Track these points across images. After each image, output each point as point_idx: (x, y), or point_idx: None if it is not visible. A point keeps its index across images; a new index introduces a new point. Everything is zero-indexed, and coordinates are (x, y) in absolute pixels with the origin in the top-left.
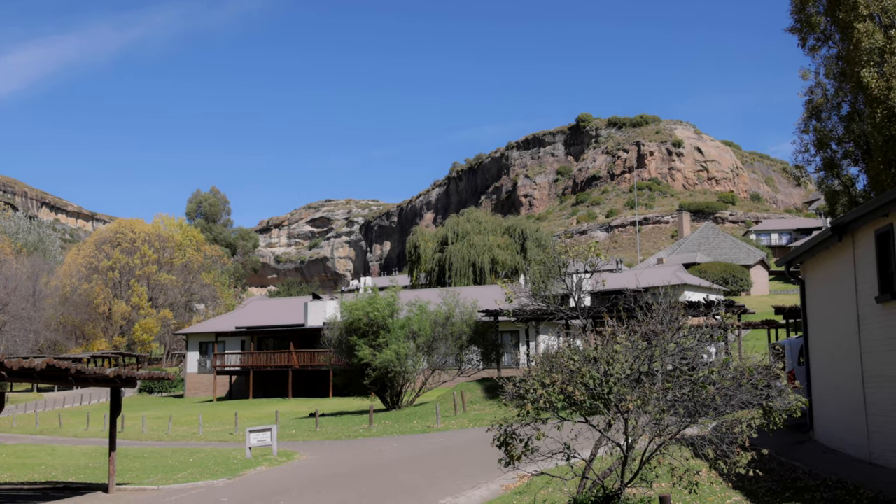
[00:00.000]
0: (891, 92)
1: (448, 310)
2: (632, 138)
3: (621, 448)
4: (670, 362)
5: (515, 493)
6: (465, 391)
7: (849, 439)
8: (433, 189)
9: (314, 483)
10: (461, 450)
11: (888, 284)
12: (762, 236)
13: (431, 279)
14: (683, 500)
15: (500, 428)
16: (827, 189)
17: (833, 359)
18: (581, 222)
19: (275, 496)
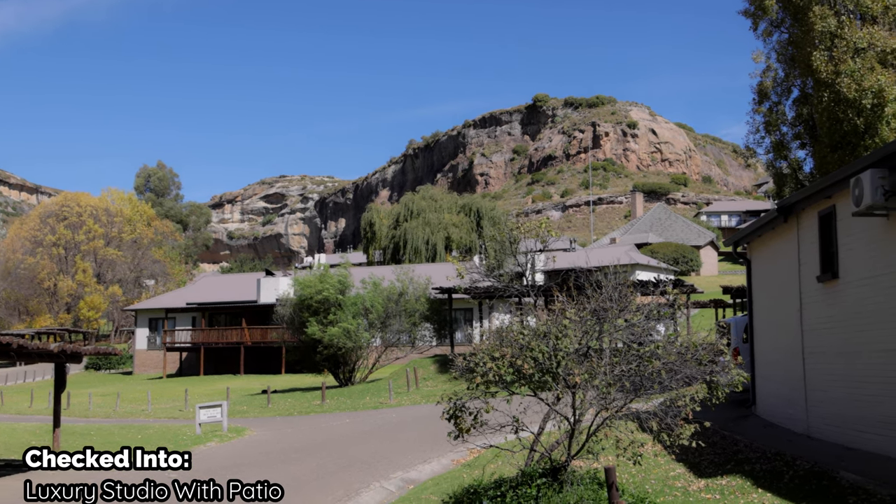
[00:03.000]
0: (839, 76)
1: (401, 287)
2: (587, 119)
3: (569, 421)
4: (619, 339)
5: (465, 466)
6: (418, 367)
7: (789, 414)
8: (389, 166)
9: (265, 458)
10: (413, 425)
11: (829, 264)
12: (713, 218)
13: (386, 256)
14: (629, 472)
15: (450, 401)
16: (775, 172)
17: (776, 337)
18: (536, 202)
19: (225, 472)
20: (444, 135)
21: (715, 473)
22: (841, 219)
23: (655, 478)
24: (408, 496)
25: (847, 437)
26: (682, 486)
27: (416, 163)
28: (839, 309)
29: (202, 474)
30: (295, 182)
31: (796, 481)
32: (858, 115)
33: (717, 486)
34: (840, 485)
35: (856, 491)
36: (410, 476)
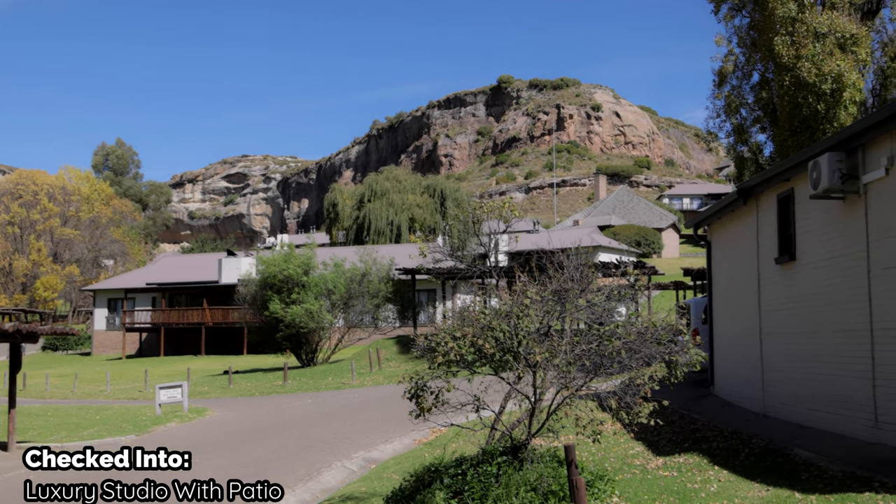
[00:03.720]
0: (799, 60)
1: (364, 267)
2: (552, 101)
3: (529, 400)
4: (581, 319)
5: (427, 445)
6: (380, 348)
7: (746, 393)
8: (353, 147)
9: (226, 439)
10: (375, 405)
11: (787, 246)
12: (675, 201)
13: (349, 237)
14: (589, 450)
15: (412, 381)
16: (736, 155)
17: (734, 317)
18: (500, 183)
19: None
20: (409, 115)
21: (673, 451)
22: (799, 202)
23: (615, 456)
24: (369, 475)
25: (802, 415)
26: (640, 463)
27: (379, 143)
28: (796, 290)
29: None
30: (257, 162)
31: (752, 459)
32: (818, 99)
33: (674, 464)
34: (794, 462)
35: (809, 467)
36: (372, 455)
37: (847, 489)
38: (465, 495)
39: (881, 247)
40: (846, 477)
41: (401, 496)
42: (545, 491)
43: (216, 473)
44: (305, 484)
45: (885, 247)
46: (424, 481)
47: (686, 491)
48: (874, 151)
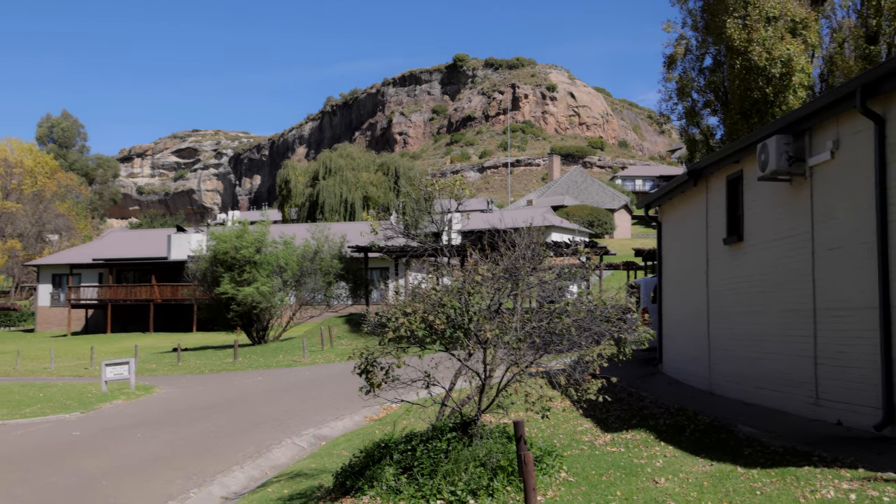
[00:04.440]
0: (751, 44)
1: (317, 245)
2: (507, 80)
3: (480, 377)
4: (531, 297)
5: (378, 422)
6: (332, 326)
7: (693, 371)
8: (306, 123)
9: (173, 416)
10: (327, 383)
11: (735, 227)
12: (627, 182)
13: (302, 215)
14: (538, 427)
15: (362, 356)
16: (688, 138)
17: (683, 297)
18: (455, 162)
19: (131, 429)
20: (363, 92)
21: (621, 428)
22: (747, 183)
23: (564, 432)
24: (319, 452)
25: (746, 393)
26: (588, 439)
27: (333, 120)
28: (744, 271)
29: (112, 432)
30: (209, 137)
31: (697, 435)
32: (768, 83)
33: (622, 440)
34: (737, 437)
35: (751, 443)
36: (323, 432)
37: (787, 464)
38: (415, 471)
39: (825, 228)
40: (787, 452)
41: (350, 472)
42: (494, 466)
43: (163, 451)
44: (255, 461)
45: (828, 228)
46: (374, 457)
47: (633, 466)
48: (820, 135)
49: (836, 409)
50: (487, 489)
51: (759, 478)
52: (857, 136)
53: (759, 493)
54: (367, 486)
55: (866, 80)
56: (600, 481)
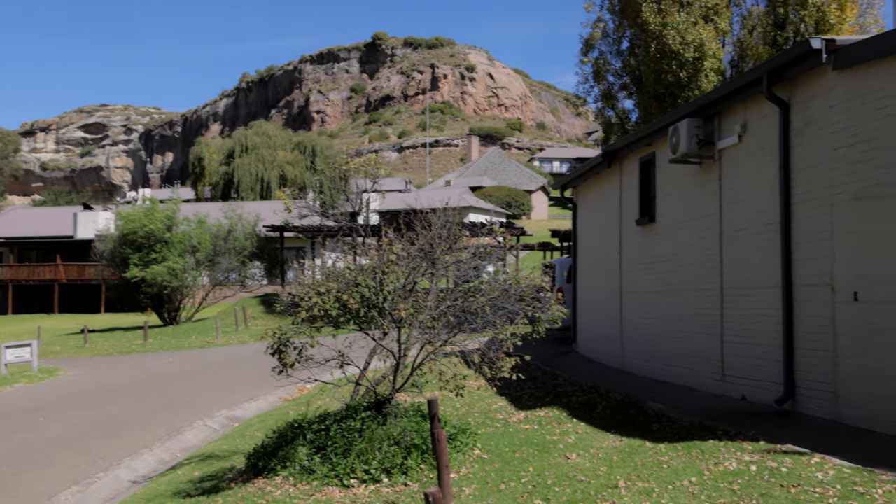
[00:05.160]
0: (665, 28)
1: (230, 224)
2: (426, 60)
3: (394, 356)
4: (446, 276)
5: (292, 403)
6: (247, 306)
7: (606, 350)
8: (221, 100)
9: (79, 399)
10: (241, 364)
11: (647, 208)
12: (545, 164)
13: (217, 193)
14: (454, 405)
15: (274, 336)
16: (604, 120)
17: (597, 277)
18: (373, 141)
19: (33, 413)
20: (280, 69)
21: (535, 406)
22: (660, 165)
23: (479, 411)
24: (232, 433)
25: (656, 370)
26: (503, 417)
27: (249, 97)
28: (655, 251)
29: (12, 416)
30: (118, 112)
31: (608, 411)
32: (681, 67)
33: (535, 418)
34: (647, 413)
35: (660, 419)
36: (236, 414)
37: (693, 437)
38: (329, 450)
39: (732, 210)
40: (693, 427)
41: (263, 453)
42: (408, 445)
43: (67, 435)
44: (164, 443)
45: (736, 210)
46: (287, 437)
47: (545, 443)
48: (729, 119)
49: (741, 385)
50: (401, 467)
51: (666, 452)
52: (764, 120)
53: (666, 466)
54: (279, 467)
55: (772, 66)
56: (513, 458)
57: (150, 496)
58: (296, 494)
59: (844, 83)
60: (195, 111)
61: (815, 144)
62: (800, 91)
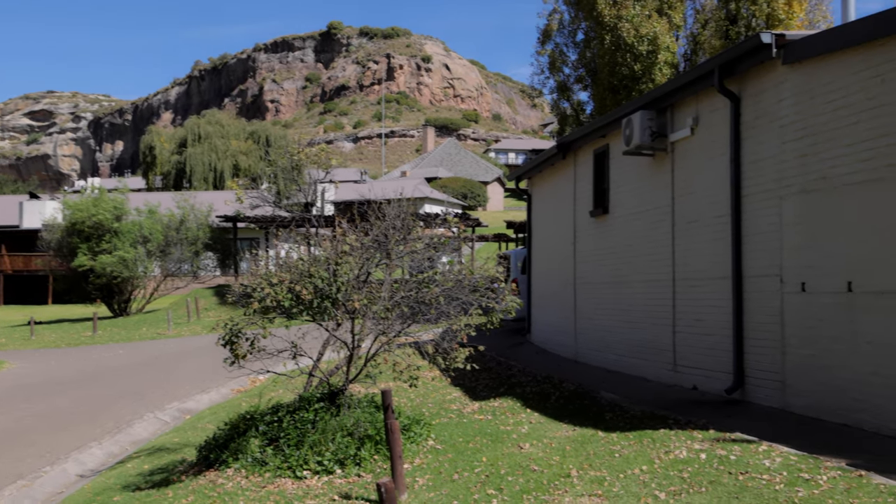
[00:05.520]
0: (620, 21)
1: (182, 214)
2: (382, 50)
3: (348, 347)
4: (401, 266)
5: (245, 394)
6: (200, 297)
7: (560, 341)
8: (173, 88)
9: (25, 391)
10: (193, 355)
11: (601, 200)
12: (500, 155)
13: (168, 183)
14: (408, 396)
15: (226, 327)
16: (559, 112)
17: (551, 268)
18: (329, 132)
19: None
20: (234, 58)
21: (489, 396)
22: (613, 157)
23: (433, 401)
24: (183, 426)
25: (609, 360)
26: (457, 408)
27: (202, 85)
28: (609, 242)
29: None
30: (65, 99)
31: (561, 401)
32: (635, 60)
33: (490, 408)
34: (600, 403)
35: (613, 408)
36: (187, 406)
37: (645, 427)
38: (281, 442)
39: (684, 202)
40: (645, 416)
41: (214, 445)
42: (361, 435)
43: (12, 428)
44: (114, 436)
45: (687, 202)
46: (240, 429)
47: (499, 433)
48: (681, 111)
49: (692, 375)
50: (355, 458)
51: (618, 441)
52: (715, 113)
53: (618, 455)
54: (231, 459)
55: (723, 60)
56: (467, 448)
57: (98, 490)
58: (248, 486)
59: (793, 77)
60: (146, 99)
61: (764, 138)
62: (750, 85)
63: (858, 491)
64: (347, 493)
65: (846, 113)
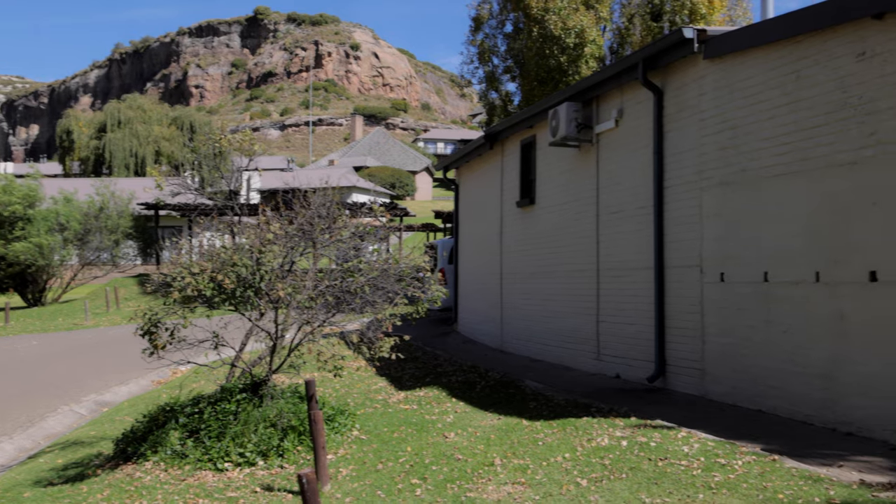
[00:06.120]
0: (548, 13)
1: (102, 201)
2: (310, 37)
3: (271, 337)
4: (326, 255)
5: (166, 386)
6: (120, 287)
7: (487, 330)
8: (92, 71)
9: None
10: (112, 346)
11: (528, 190)
12: (429, 145)
13: (87, 169)
14: (333, 387)
15: (145, 317)
16: (487, 103)
17: (478, 258)
18: (255, 119)
19: None
20: (156, 41)
21: (415, 386)
22: (540, 148)
23: (358, 392)
24: (100, 419)
25: (535, 350)
26: (383, 398)
27: (123, 69)
28: (535, 232)
29: None
30: None
31: (487, 391)
32: (562, 52)
33: (415, 398)
34: (524, 392)
35: (537, 397)
36: (105, 398)
37: (568, 415)
38: (202, 434)
39: (609, 193)
40: (569, 404)
41: (132, 438)
42: (285, 426)
43: None
44: (26, 430)
45: (611, 193)
46: (159, 421)
47: (424, 423)
48: (607, 104)
49: (615, 364)
50: (278, 449)
51: (542, 429)
52: (639, 106)
53: (542, 443)
54: (150, 452)
55: (647, 53)
56: (392, 438)
57: (7, 486)
58: (166, 480)
59: (714, 72)
60: (63, 82)
61: (686, 130)
62: (673, 78)
63: (772, 475)
64: (269, 484)
65: (764, 107)
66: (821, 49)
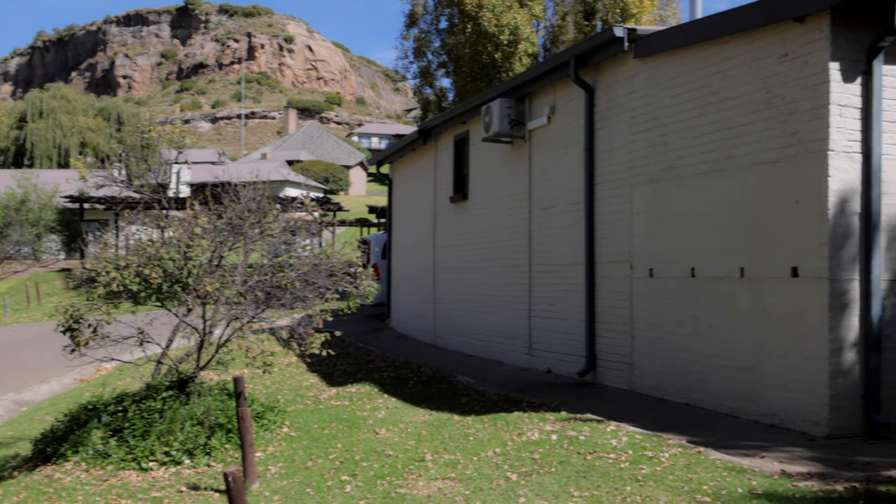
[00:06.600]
0: (482, 10)
1: (23, 193)
2: (243, 28)
3: (199, 333)
4: (256, 250)
5: (89, 384)
6: (41, 282)
7: (420, 326)
8: (12, 58)
9: None
10: (32, 343)
11: (461, 186)
12: (364, 139)
13: (7, 160)
14: (263, 383)
15: (66, 313)
16: (422, 98)
17: (411, 254)
18: (185, 111)
19: None
20: (82, 29)
21: (346, 382)
22: (473, 143)
23: (289, 388)
24: (18, 418)
25: (468, 345)
26: (314, 394)
27: (46, 57)
28: (468, 227)
29: None
30: None
31: (419, 386)
32: (496, 49)
33: (347, 394)
34: (457, 387)
35: (469, 392)
36: (24, 398)
37: (500, 409)
38: (126, 433)
39: (541, 189)
40: (500, 399)
41: (52, 438)
42: (212, 424)
43: None
44: None
45: (544, 189)
46: (80, 420)
47: (356, 419)
48: (539, 100)
49: (546, 359)
50: (205, 448)
51: (473, 424)
52: (571, 103)
53: (472, 438)
54: (70, 452)
55: (578, 51)
56: (322, 434)
57: None
58: (88, 480)
59: (644, 70)
60: None
61: (617, 128)
62: (604, 76)
63: (697, 466)
64: (196, 483)
65: (691, 106)
66: (746, 50)
